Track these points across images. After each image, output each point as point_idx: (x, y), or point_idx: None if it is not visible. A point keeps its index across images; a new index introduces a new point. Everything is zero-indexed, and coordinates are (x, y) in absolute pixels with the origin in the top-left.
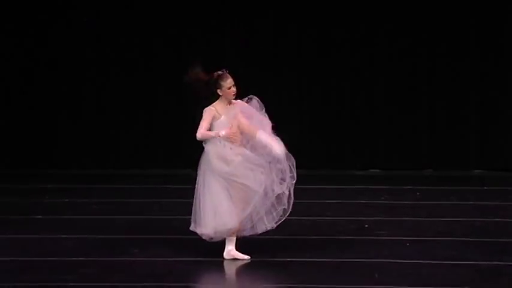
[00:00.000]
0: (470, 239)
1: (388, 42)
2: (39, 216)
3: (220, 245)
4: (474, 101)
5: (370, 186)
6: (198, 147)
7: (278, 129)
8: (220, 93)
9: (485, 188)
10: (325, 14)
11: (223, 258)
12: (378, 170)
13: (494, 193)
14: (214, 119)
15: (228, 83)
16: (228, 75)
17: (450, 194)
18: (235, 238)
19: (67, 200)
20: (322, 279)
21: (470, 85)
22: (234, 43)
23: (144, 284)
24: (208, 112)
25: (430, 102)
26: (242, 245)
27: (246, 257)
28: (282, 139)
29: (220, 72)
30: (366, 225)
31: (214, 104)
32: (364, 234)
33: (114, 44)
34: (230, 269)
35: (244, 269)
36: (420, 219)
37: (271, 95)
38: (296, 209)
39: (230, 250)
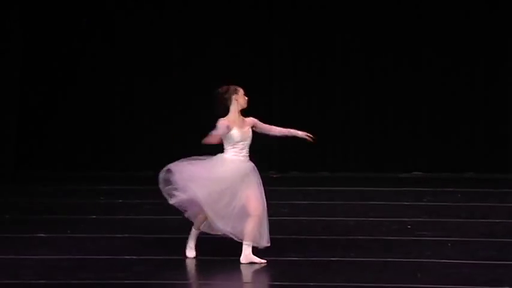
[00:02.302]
0: (511, 240)
1: (415, 44)
2: (94, 216)
3: (277, 245)
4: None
5: (412, 188)
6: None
7: (323, 135)
8: (236, 99)
9: None
10: (342, 15)
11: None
12: (420, 173)
13: None
14: (227, 129)
15: (242, 91)
16: (237, 88)
17: (490, 196)
18: (250, 242)
19: (121, 200)
20: (366, 279)
21: (510, 91)
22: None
23: (194, 281)
24: (222, 123)
25: (471, 106)
26: (284, 244)
27: (263, 261)
28: (327, 145)
29: (229, 88)
30: (409, 226)
31: (227, 116)
32: (407, 235)
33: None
34: (276, 269)
35: (290, 268)
36: (461, 220)
37: (312, 99)
38: (340, 210)
39: (248, 254)
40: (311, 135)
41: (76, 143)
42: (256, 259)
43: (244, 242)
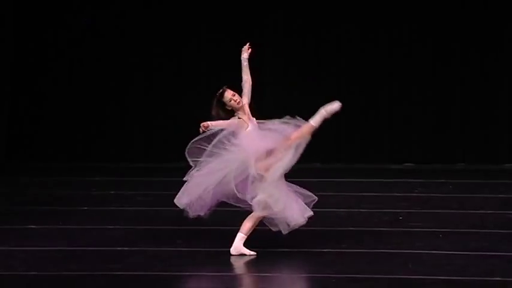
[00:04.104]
0: (502, 231)
1: (406, 34)
2: (86, 208)
3: (268, 236)
4: (506, 96)
5: (404, 180)
6: None
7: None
8: (230, 108)
9: None
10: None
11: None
12: (411, 164)
13: None
14: (241, 128)
15: (227, 97)
16: (225, 90)
17: (482, 187)
18: (244, 235)
19: (112, 192)
20: (358, 269)
21: (501, 82)
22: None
23: (187, 273)
24: (232, 119)
25: (463, 97)
26: (275, 235)
27: (253, 252)
28: (320, 134)
29: (217, 93)
30: (400, 217)
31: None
32: (398, 226)
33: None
34: (267, 259)
35: (282, 259)
36: (453, 211)
37: (304, 90)
38: (332, 201)
39: (238, 246)
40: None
41: (68, 134)
42: (246, 251)
43: (238, 233)
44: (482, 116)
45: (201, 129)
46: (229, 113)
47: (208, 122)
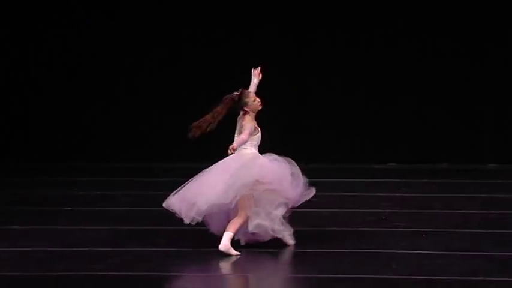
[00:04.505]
0: (485, 231)
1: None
2: (69, 208)
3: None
4: (489, 96)
5: (387, 180)
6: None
7: (299, 124)
8: (247, 109)
9: (499, 181)
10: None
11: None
12: (395, 164)
13: (508, 186)
14: (253, 133)
15: (252, 97)
16: (246, 91)
17: (465, 187)
18: (232, 233)
19: (96, 192)
20: (341, 269)
21: (485, 81)
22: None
23: (170, 273)
24: (249, 130)
25: (445, 97)
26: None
27: (237, 252)
28: (303, 134)
29: (238, 92)
30: (384, 217)
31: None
32: (382, 226)
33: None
34: (252, 260)
35: (266, 259)
36: (436, 211)
37: (288, 90)
38: (315, 201)
39: (227, 244)
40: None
41: (52, 134)
42: (233, 251)
43: (226, 232)
44: (466, 115)
45: (230, 152)
46: (231, 112)
47: (235, 144)
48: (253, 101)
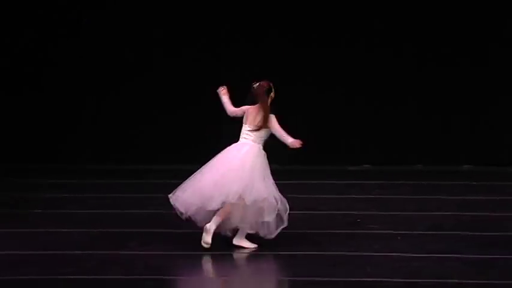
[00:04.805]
0: (459, 233)
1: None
2: (39, 211)
3: (224, 240)
4: (463, 97)
5: (361, 182)
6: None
7: None
8: (269, 100)
9: (474, 183)
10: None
11: (219, 252)
12: (369, 165)
13: (483, 188)
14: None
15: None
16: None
17: (440, 188)
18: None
19: (66, 194)
20: (315, 272)
21: (460, 83)
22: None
23: (141, 276)
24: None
25: (420, 98)
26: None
27: (254, 245)
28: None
29: (269, 83)
30: (358, 220)
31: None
32: (356, 228)
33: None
34: (226, 263)
35: (237, 262)
36: (411, 213)
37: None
38: (289, 204)
39: (241, 239)
40: (300, 143)
41: (19, 135)
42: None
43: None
44: (440, 117)
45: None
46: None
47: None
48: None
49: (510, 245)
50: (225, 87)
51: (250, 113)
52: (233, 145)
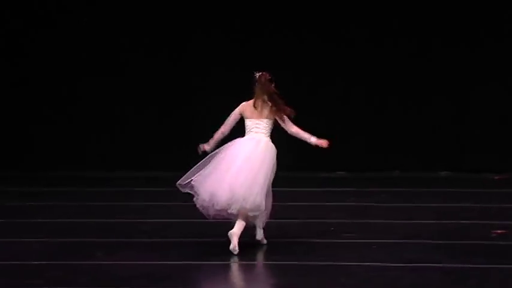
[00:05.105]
0: (437, 241)
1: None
2: (3, 220)
3: (199, 249)
4: (441, 103)
5: (336, 189)
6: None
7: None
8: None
9: (451, 189)
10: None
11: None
12: (344, 172)
13: (460, 195)
14: None
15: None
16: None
17: (416, 196)
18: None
19: (31, 203)
20: (288, 282)
21: (436, 88)
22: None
23: (109, 287)
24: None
25: (396, 104)
26: (205, 247)
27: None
28: None
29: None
30: (332, 228)
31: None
32: (331, 237)
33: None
34: (197, 272)
35: (209, 271)
36: (386, 221)
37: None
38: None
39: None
40: (326, 142)
41: None
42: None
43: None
44: (417, 122)
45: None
46: None
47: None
48: None
49: (489, 253)
50: (203, 146)
51: (250, 106)
52: (247, 139)
